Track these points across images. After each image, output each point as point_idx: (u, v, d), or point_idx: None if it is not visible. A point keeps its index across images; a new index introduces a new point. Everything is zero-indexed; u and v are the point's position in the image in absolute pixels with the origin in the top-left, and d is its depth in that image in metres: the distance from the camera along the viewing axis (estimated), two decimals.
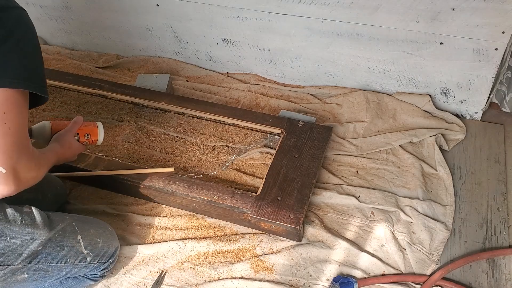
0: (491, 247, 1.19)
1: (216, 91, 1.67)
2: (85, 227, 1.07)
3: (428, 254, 1.17)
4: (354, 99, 1.55)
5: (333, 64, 1.56)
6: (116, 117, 1.55)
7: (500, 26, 1.25)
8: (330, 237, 1.20)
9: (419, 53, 1.41)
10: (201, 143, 1.46)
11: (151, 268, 1.18)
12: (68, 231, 1.02)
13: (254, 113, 1.45)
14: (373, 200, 1.28)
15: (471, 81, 1.42)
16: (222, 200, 1.20)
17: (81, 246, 1.03)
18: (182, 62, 1.78)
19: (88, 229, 1.07)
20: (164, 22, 1.66)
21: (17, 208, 0.95)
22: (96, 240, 1.07)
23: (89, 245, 1.05)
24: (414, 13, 1.32)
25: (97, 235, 1.08)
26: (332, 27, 1.44)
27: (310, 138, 1.35)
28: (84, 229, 1.06)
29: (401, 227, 1.22)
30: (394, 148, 1.42)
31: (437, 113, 1.50)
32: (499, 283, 1.12)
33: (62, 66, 1.80)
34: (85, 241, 1.04)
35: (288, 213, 1.16)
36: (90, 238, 1.06)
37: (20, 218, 0.94)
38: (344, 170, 1.37)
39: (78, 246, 1.03)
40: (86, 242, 1.05)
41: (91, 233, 1.07)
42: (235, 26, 1.57)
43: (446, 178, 1.33)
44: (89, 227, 1.08)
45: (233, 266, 1.17)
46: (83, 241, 1.04)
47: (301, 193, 1.21)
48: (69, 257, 1.01)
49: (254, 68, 1.70)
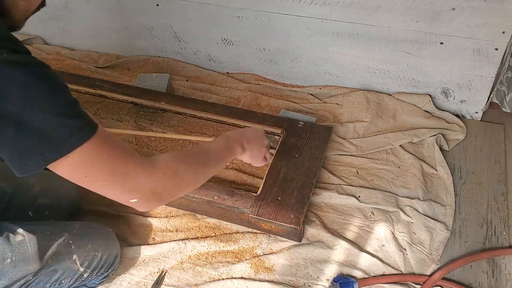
0: (491, 247, 1.19)
1: (216, 91, 1.67)
2: (82, 243, 1.02)
3: (428, 254, 1.17)
4: (354, 99, 1.55)
5: (333, 64, 1.56)
6: (116, 117, 1.55)
7: (500, 26, 1.25)
8: (330, 237, 1.20)
9: (419, 53, 1.41)
10: (201, 143, 1.46)
11: (151, 268, 1.18)
12: (63, 253, 0.98)
13: (254, 113, 1.45)
14: (373, 200, 1.28)
15: (471, 81, 1.42)
16: (222, 200, 1.20)
17: (76, 265, 1.00)
18: (182, 62, 1.78)
19: (86, 244, 1.03)
20: (164, 22, 1.66)
21: (9, 238, 0.91)
22: (94, 254, 1.04)
23: (86, 261, 1.02)
24: (414, 13, 1.32)
25: (96, 249, 1.04)
26: (332, 27, 1.44)
27: (310, 138, 1.35)
28: (81, 246, 1.02)
29: (401, 227, 1.22)
30: (394, 148, 1.42)
31: (437, 113, 1.50)
32: (499, 283, 1.12)
33: (62, 66, 1.80)
34: (81, 259, 1.01)
35: (288, 213, 1.16)
36: (87, 253, 1.02)
37: (10, 255, 0.90)
38: (344, 170, 1.37)
39: (74, 265, 0.99)
40: (82, 259, 1.01)
41: (88, 248, 1.03)
42: (235, 26, 1.57)
43: (446, 178, 1.33)
44: (87, 241, 1.04)
45: (233, 266, 1.17)
46: (79, 260, 1.00)
47: (301, 193, 1.21)
48: (63, 278, 0.99)
49: (254, 68, 1.70)
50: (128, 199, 0.76)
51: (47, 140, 0.66)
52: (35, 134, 0.65)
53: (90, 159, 0.70)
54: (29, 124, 0.65)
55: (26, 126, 0.65)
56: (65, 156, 0.67)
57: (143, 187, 0.75)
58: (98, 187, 0.73)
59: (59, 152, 0.67)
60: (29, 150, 0.66)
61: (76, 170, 0.70)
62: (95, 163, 0.71)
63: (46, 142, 0.66)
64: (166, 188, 0.79)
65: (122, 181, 0.74)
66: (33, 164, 0.67)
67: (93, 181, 0.72)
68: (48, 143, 0.66)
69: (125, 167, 0.74)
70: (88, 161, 0.70)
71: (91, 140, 0.69)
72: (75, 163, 0.69)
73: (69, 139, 0.67)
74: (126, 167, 0.74)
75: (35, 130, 0.65)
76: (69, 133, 0.67)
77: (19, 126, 0.65)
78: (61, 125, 0.67)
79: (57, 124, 0.67)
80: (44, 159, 0.67)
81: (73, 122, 0.68)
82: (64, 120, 0.67)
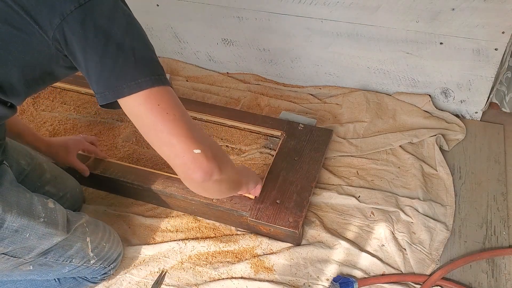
0: (491, 247, 1.19)
1: (216, 91, 1.67)
2: (95, 229, 1.06)
3: (428, 254, 1.17)
4: (354, 99, 1.55)
5: (333, 64, 1.56)
6: (116, 117, 1.55)
7: (500, 26, 1.25)
8: (330, 237, 1.20)
9: (419, 53, 1.41)
10: None
11: (151, 268, 1.18)
12: (80, 232, 1.01)
13: (254, 115, 1.45)
14: (373, 200, 1.28)
15: (471, 81, 1.42)
16: (220, 202, 1.19)
17: (88, 248, 1.03)
18: (182, 62, 1.78)
19: (98, 232, 1.07)
20: (164, 22, 1.66)
21: (43, 201, 0.94)
22: (103, 244, 1.07)
23: (96, 248, 1.05)
24: (414, 13, 1.32)
25: (105, 239, 1.08)
26: (332, 27, 1.44)
27: (310, 141, 1.34)
28: (94, 232, 1.05)
29: (401, 227, 1.22)
30: (394, 148, 1.42)
31: (437, 113, 1.50)
32: (499, 283, 1.12)
33: None
34: (93, 244, 1.04)
35: (287, 217, 1.16)
36: (98, 241, 1.06)
37: (44, 215, 0.92)
38: (345, 170, 1.37)
39: (86, 248, 1.02)
40: (94, 245, 1.04)
41: (99, 236, 1.07)
42: (235, 26, 1.57)
43: (446, 178, 1.33)
44: (98, 230, 1.07)
45: (233, 266, 1.17)
46: (91, 244, 1.04)
47: (300, 196, 1.20)
48: (75, 257, 1.01)
49: (254, 68, 1.70)
50: (192, 148, 0.75)
51: (143, 68, 0.73)
52: (133, 59, 0.72)
53: (168, 97, 0.75)
54: (129, 50, 0.72)
55: (127, 50, 0.72)
56: (150, 88, 0.73)
57: (205, 141, 0.78)
58: (166, 123, 0.74)
59: (152, 82, 0.73)
60: (125, 74, 0.72)
61: (152, 100, 0.74)
62: (172, 102, 0.76)
63: (142, 70, 0.73)
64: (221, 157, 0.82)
65: (189, 127, 0.76)
66: (127, 88, 0.72)
67: (165, 113, 0.74)
68: (144, 71, 0.73)
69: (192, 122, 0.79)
70: (166, 98, 0.75)
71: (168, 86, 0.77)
72: (154, 96, 0.74)
73: (160, 75, 0.75)
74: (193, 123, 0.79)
75: (133, 56, 0.72)
76: (160, 71, 0.75)
77: (120, 49, 0.72)
78: (155, 61, 0.76)
79: (152, 58, 0.75)
80: (138, 85, 0.72)
81: (160, 65, 0.77)
82: (156, 58, 0.76)
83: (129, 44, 0.73)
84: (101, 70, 0.73)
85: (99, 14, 0.72)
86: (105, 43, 0.71)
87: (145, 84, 0.72)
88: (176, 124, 0.75)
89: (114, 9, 0.74)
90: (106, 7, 0.73)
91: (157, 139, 0.76)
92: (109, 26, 0.72)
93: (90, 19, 0.71)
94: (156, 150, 0.78)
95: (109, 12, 0.73)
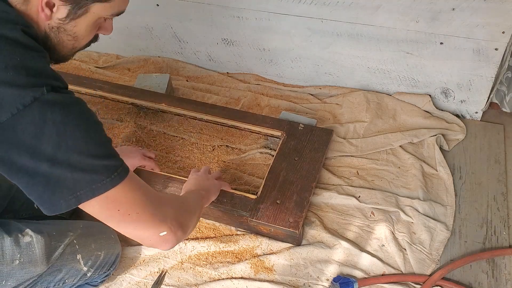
0: (491, 247, 1.19)
1: (216, 91, 1.67)
2: (86, 242, 1.03)
3: (428, 254, 1.17)
4: (354, 99, 1.55)
5: (333, 64, 1.56)
6: (116, 117, 1.55)
7: (500, 26, 1.25)
8: (330, 237, 1.20)
9: (419, 53, 1.41)
10: (201, 143, 1.46)
11: (151, 268, 1.18)
12: (67, 253, 0.99)
13: (254, 115, 1.44)
14: (373, 200, 1.28)
15: (471, 81, 1.42)
16: (220, 203, 1.19)
17: (80, 265, 1.01)
18: (182, 62, 1.78)
19: (90, 243, 1.04)
20: (164, 22, 1.66)
21: (17, 239, 0.91)
22: (97, 254, 1.04)
23: (89, 261, 1.03)
24: (414, 13, 1.32)
25: (99, 248, 1.05)
26: (332, 27, 1.44)
27: (311, 141, 1.34)
28: (85, 245, 1.02)
29: (401, 227, 1.22)
30: (394, 148, 1.42)
31: (437, 113, 1.50)
32: (499, 283, 1.12)
33: (62, 67, 1.80)
34: (85, 259, 1.01)
35: (287, 217, 1.15)
36: (91, 253, 1.03)
37: (19, 255, 0.90)
38: (345, 171, 1.37)
39: (78, 265, 1.00)
40: (86, 259, 1.02)
41: (92, 248, 1.04)
42: (235, 26, 1.57)
43: (446, 178, 1.33)
44: (91, 241, 1.04)
45: (233, 266, 1.17)
46: (83, 260, 1.01)
47: (300, 196, 1.20)
48: (67, 278, 0.99)
49: (254, 68, 1.70)
50: (158, 233, 0.77)
51: (81, 180, 0.67)
52: (69, 174, 0.66)
53: (123, 196, 0.72)
54: (63, 164, 0.66)
55: (60, 165, 0.66)
56: (105, 193, 0.69)
57: (169, 215, 0.79)
58: (129, 222, 0.74)
59: (92, 192, 0.68)
60: (61, 189, 0.67)
61: (109, 206, 0.71)
62: (128, 199, 0.73)
63: (80, 182, 0.67)
64: (186, 218, 0.84)
65: (153, 212, 0.76)
66: (65, 203, 0.68)
67: (126, 214, 0.73)
68: (82, 183, 0.67)
69: (155, 199, 0.78)
70: (122, 197, 0.72)
71: (125, 179, 0.71)
72: (108, 200, 0.70)
73: (104, 179, 0.68)
74: (156, 199, 0.78)
75: (69, 170, 0.66)
76: (105, 174, 0.69)
77: (53, 165, 0.65)
78: (96, 166, 0.68)
79: (92, 165, 0.68)
80: (77, 198, 0.68)
81: (108, 163, 0.70)
82: (99, 161, 0.68)
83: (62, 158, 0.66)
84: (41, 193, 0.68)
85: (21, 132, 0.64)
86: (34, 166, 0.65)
87: (97, 191, 0.68)
88: (140, 219, 0.75)
89: (42, 122, 0.65)
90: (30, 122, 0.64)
91: (125, 233, 0.77)
92: (36, 144, 0.65)
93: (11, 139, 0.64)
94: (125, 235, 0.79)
95: (34, 127, 0.65)
